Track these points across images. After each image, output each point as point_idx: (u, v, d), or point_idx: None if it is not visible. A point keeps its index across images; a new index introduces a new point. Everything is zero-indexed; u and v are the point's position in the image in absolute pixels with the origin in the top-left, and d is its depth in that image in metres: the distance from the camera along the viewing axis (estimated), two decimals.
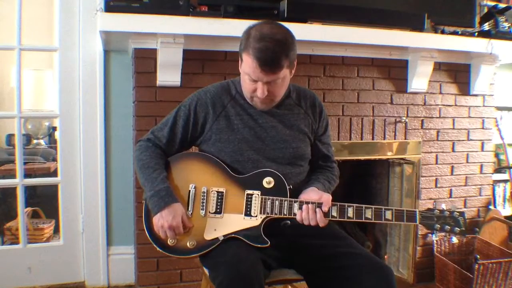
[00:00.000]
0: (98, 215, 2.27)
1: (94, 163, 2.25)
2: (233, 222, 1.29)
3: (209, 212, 1.31)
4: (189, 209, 1.31)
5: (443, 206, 1.31)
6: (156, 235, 1.31)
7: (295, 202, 1.29)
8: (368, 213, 1.27)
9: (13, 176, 2.38)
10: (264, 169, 1.34)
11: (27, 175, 2.44)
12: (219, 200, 1.31)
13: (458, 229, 1.27)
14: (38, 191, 2.87)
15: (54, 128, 3.37)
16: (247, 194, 1.31)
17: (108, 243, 2.30)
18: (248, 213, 1.30)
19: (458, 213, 1.28)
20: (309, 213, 1.26)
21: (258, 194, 1.31)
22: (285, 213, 1.29)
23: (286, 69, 1.28)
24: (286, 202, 1.29)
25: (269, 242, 1.27)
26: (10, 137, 3.23)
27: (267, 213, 1.29)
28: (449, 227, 1.27)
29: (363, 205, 1.28)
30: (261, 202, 1.30)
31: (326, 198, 1.29)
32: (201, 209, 1.31)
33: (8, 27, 2.26)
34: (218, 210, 1.31)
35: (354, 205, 1.28)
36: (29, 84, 3.29)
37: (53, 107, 3.18)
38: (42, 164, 3.00)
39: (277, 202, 1.29)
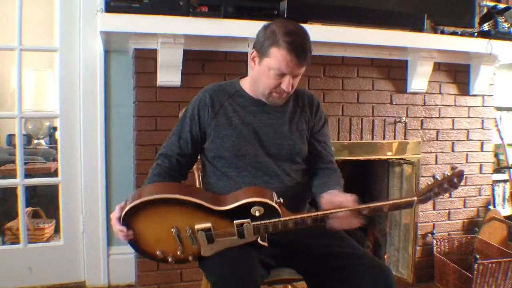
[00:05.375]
0: (98, 215, 2.28)
1: (95, 163, 2.26)
2: (228, 242, 1.23)
3: (201, 244, 1.22)
4: (179, 246, 1.22)
5: (446, 173, 1.21)
6: (154, 258, 1.27)
7: (289, 221, 1.21)
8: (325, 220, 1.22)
9: (13, 176, 2.38)
10: (247, 199, 1.20)
11: (28, 175, 2.44)
12: (208, 235, 1.21)
13: (453, 189, 1.22)
14: (39, 191, 2.87)
15: (55, 128, 3.38)
16: (237, 224, 1.20)
17: (109, 243, 2.30)
18: (242, 237, 1.22)
19: (456, 178, 1.21)
20: (342, 220, 1.20)
21: (248, 222, 1.20)
22: (281, 228, 1.22)
23: None
24: (280, 223, 1.21)
25: (267, 245, 1.25)
26: (10, 137, 3.25)
27: (262, 234, 1.23)
28: (444, 191, 1.22)
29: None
30: (254, 228, 1.21)
31: (350, 198, 1.22)
32: (193, 244, 1.23)
33: (9, 28, 2.27)
34: (210, 241, 1.22)
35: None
36: (29, 85, 3.30)
37: (53, 107, 3.20)
38: (43, 164, 3.01)
39: (270, 225, 1.20)
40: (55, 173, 2.54)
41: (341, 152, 2.24)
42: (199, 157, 1.50)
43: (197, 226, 1.21)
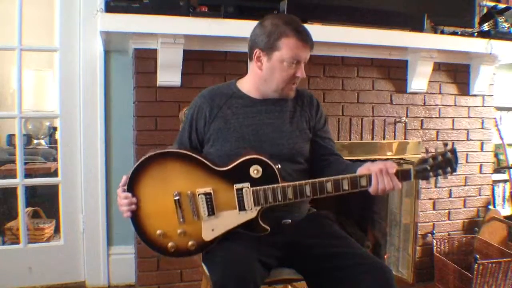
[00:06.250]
0: (98, 215, 2.28)
1: (95, 163, 2.26)
2: (229, 219, 1.25)
3: (202, 215, 1.26)
4: (180, 217, 1.25)
5: (437, 149, 1.26)
6: (154, 244, 1.28)
7: (287, 187, 1.25)
8: (363, 181, 1.25)
9: (13, 176, 2.38)
10: (247, 157, 1.27)
11: (28, 175, 2.44)
12: (208, 202, 1.25)
13: (450, 168, 1.25)
14: (39, 191, 2.87)
15: (55, 128, 3.38)
16: (237, 189, 1.25)
17: (109, 242, 2.30)
18: (242, 208, 1.25)
19: (450, 152, 1.25)
20: (384, 178, 1.22)
21: (248, 187, 1.24)
22: (280, 199, 1.25)
23: None
24: (279, 188, 1.25)
25: (268, 229, 1.26)
26: (10, 137, 3.24)
27: (262, 204, 1.25)
28: (441, 170, 1.25)
29: (357, 175, 1.24)
30: (253, 194, 1.25)
31: (390, 163, 1.25)
32: (193, 215, 1.26)
33: (9, 28, 2.26)
34: (210, 212, 1.25)
35: (348, 176, 1.25)
36: (29, 84, 3.29)
37: (53, 107, 3.19)
38: (43, 164, 3.01)
39: (269, 191, 1.25)
40: (55, 173, 2.54)
41: (341, 152, 2.18)
42: None
43: (198, 190, 1.24)
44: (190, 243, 1.27)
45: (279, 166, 1.27)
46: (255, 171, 1.25)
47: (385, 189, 1.23)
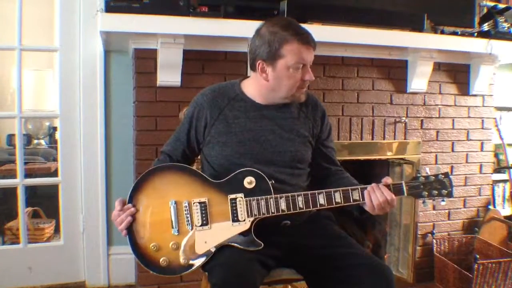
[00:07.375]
0: (98, 215, 2.28)
1: (95, 163, 2.26)
2: (222, 231, 1.26)
3: (196, 225, 1.25)
4: (174, 227, 1.25)
5: (427, 170, 1.29)
6: (147, 258, 1.28)
7: (280, 198, 1.26)
8: (355, 195, 1.27)
9: (13, 176, 2.38)
10: (242, 170, 1.29)
11: (28, 175, 2.45)
12: (203, 211, 1.26)
13: (445, 191, 1.27)
14: (39, 191, 2.88)
15: (55, 128, 3.38)
16: (231, 199, 1.27)
17: (109, 243, 2.30)
18: (235, 219, 1.26)
19: (443, 175, 1.28)
20: (376, 193, 1.25)
21: (241, 197, 1.26)
22: (273, 211, 1.26)
23: None
24: (271, 199, 1.26)
25: (262, 244, 1.26)
26: (10, 137, 3.24)
27: (255, 215, 1.26)
28: (436, 192, 1.27)
29: (349, 188, 1.28)
30: (246, 204, 1.26)
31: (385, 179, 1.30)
32: (187, 224, 1.26)
33: (9, 28, 2.27)
34: (204, 222, 1.26)
35: (340, 189, 1.28)
36: (29, 84, 3.30)
37: (53, 107, 3.19)
38: (43, 164, 3.01)
39: (262, 202, 1.26)
40: (55, 173, 2.54)
41: (341, 152, 2.24)
42: (199, 156, 1.50)
43: (194, 199, 1.27)
44: (182, 259, 1.26)
45: (273, 182, 1.29)
46: (248, 182, 1.28)
47: (379, 203, 1.25)
